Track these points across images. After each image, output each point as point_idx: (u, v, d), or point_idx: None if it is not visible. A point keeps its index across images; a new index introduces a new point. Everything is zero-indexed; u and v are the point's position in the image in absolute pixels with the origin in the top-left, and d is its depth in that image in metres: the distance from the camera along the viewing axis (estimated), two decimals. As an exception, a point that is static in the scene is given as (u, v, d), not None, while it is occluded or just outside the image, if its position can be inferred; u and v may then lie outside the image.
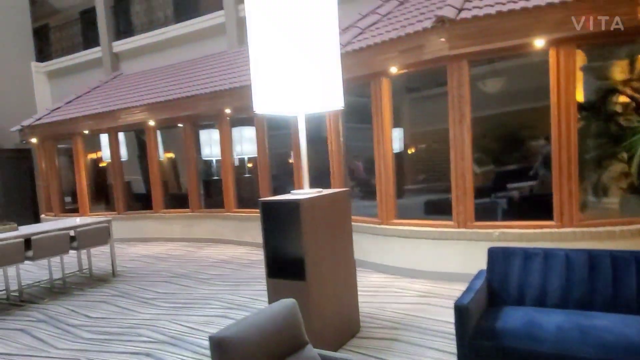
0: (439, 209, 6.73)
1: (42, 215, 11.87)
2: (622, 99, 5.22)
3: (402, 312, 4.50)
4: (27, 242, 5.78)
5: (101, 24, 12.82)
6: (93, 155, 11.43)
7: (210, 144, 9.81)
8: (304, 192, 3.67)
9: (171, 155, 11.22)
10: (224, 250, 8.47)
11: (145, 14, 13.03)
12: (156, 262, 7.90)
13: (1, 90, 13.30)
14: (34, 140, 11.34)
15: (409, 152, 7.28)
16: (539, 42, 4.73)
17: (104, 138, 10.68)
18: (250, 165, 9.55)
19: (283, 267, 3.60)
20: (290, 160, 10.00)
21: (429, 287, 5.22)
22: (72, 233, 6.35)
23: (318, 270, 3.50)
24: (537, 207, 5.63)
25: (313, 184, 3.84)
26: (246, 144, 9.29)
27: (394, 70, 5.64)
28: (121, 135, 10.51)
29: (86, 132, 10.37)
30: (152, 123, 9.58)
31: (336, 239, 3.80)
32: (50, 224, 6.79)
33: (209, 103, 8.61)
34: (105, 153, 10.77)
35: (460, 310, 2.78)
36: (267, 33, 3.46)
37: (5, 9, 13.62)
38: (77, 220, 7.19)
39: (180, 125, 9.71)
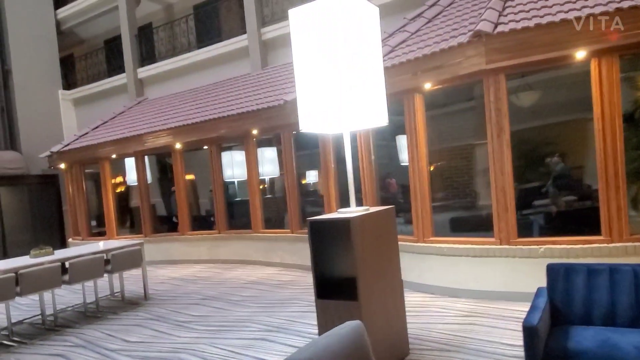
0: (465, 226, 6.61)
1: (70, 240, 11.97)
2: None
3: (449, 333, 4.35)
4: (62, 265, 5.79)
5: (126, 51, 13.12)
6: (114, 180, 11.55)
7: (231, 166, 9.85)
8: (351, 210, 3.60)
9: (191, 177, 11.28)
10: (252, 272, 8.39)
11: (168, 41, 13.32)
12: (185, 284, 7.84)
13: (30, 118, 13.62)
14: (62, 165, 11.52)
15: (430, 169, 7.19)
16: (579, 54, 4.66)
17: (127, 162, 10.78)
18: (263, 185, 9.56)
19: (333, 287, 3.50)
20: (304, 181, 9.99)
21: (471, 307, 5.06)
22: (105, 256, 6.35)
23: (369, 290, 3.40)
24: (575, 221, 5.49)
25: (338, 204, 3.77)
26: (267, 164, 9.28)
27: (427, 86, 5.60)
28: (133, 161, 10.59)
29: (114, 156, 10.50)
30: (178, 146, 9.65)
31: (384, 258, 3.71)
32: (84, 248, 6.81)
33: (236, 124, 8.66)
34: (129, 177, 10.85)
35: (530, 331, 2.65)
36: (311, 51, 3.45)
37: (34, 38, 14.03)
38: (107, 244, 7.20)
39: (205, 147, 9.78)
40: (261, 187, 9.16)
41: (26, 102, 13.61)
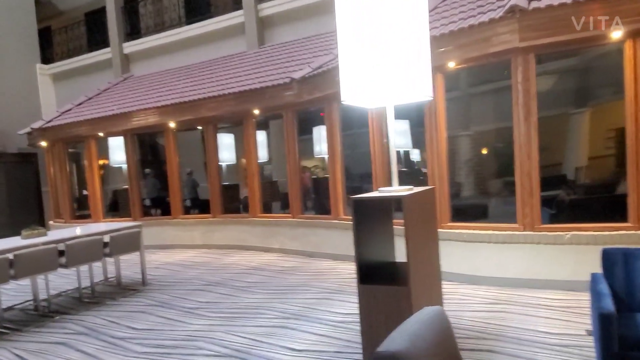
0: (468, 214, 6.41)
1: (51, 222, 11.37)
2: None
3: (480, 320, 4.19)
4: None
5: (111, 25, 12.45)
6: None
7: (224, 149, 9.46)
8: (394, 189, 3.35)
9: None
10: (251, 257, 8.09)
11: (156, 15, 12.70)
12: (183, 269, 7.50)
13: (6, 93, 12.83)
14: (43, 143, 10.88)
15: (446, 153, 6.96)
16: (615, 34, 4.50)
17: (111, 142, 10.18)
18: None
19: (376, 271, 3.27)
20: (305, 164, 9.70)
21: (495, 294, 4.92)
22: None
23: (418, 275, 3.18)
24: (602, 208, 5.39)
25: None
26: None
27: (451, 65, 5.38)
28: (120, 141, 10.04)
29: (101, 134, 9.96)
30: (172, 125, 9.20)
31: (429, 241, 3.49)
32: (79, 229, 6.38)
33: (235, 103, 8.27)
34: (113, 157, 10.25)
35: (607, 319, 2.48)
36: (356, 21, 3.18)
37: (10, 10, 13.18)
38: (99, 227, 6.78)
39: (199, 128, 9.38)
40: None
41: (2, 75, 12.80)
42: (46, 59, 14.72)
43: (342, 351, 3.74)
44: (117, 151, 10.19)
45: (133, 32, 12.94)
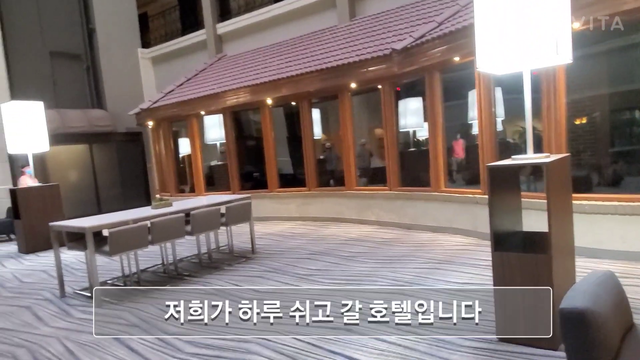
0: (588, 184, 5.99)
1: (157, 196, 12.35)
2: None
3: (612, 294, 4.01)
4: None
5: (206, 7, 12.98)
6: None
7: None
8: (530, 156, 3.28)
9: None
10: (348, 229, 8.29)
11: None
12: (285, 240, 7.87)
13: (114, 77, 13.95)
14: (150, 122, 11.76)
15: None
16: None
17: (206, 120, 10.77)
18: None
19: (507, 239, 3.25)
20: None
21: (622, 268, 4.67)
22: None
23: (557, 244, 3.12)
24: None
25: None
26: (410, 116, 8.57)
27: (576, 25, 5.04)
28: (218, 119, 10.56)
29: (202, 112, 10.56)
30: (269, 101, 9.53)
31: (565, 211, 3.39)
32: (196, 201, 6.90)
33: (332, 77, 8.36)
34: (208, 135, 10.85)
35: None
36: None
37: (113, -1, 14.19)
38: (212, 199, 7.26)
39: (293, 103, 9.64)
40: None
41: (110, 61, 13.92)
42: (146, 43, 15.74)
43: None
44: (212, 129, 10.82)
45: (223, 13, 13.43)
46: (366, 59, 7.65)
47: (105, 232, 5.14)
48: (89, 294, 5.38)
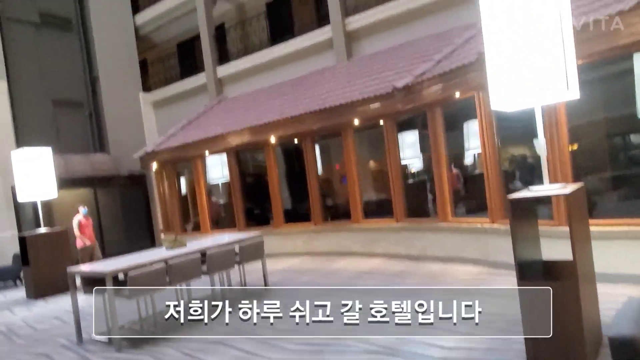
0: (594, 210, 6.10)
1: (162, 236, 12.34)
2: None
3: None
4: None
5: (206, 51, 13.38)
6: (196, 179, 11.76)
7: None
8: (548, 187, 3.43)
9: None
10: (357, 263, 8.33)
11: (240, 41, 13.50)
12: (295, 276, 7.89)
13: (116, 122, 14.17)
14: (154, 164, 11.89)
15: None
16: None
17: (208, 160, 11.04)
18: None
19: (534, 267, 3.35)
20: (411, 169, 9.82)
21: (635, 292, 4.77)
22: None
23: (582, 271, 3.23)
24: None
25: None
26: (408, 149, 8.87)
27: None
28: (220, 158, 10.82)
29: (207, 153, 10.73)
30: (272, 140, 9.73)
31: (585, 239, 3.52)
32: (209, 241, 6.95)
33: (335, 116, 8.58)
34: (211, 175, 11.12)
35: None
36: (501, 27, 3.35)
37: (116, 46, 14.59)
38: (219, 239, 7.32)
39: (296, 141, 9.85)
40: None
41: (112, 106, 14.17)
42: (146, 87, 16.07)
43: (496, 347, 3.83)
44: (214, 169, 11.03)
45: (222, 57, 13.84)
46: (369, 97, 7.91)
47: (121, 275, 5.18)
48: (105, 339, 5.36)
